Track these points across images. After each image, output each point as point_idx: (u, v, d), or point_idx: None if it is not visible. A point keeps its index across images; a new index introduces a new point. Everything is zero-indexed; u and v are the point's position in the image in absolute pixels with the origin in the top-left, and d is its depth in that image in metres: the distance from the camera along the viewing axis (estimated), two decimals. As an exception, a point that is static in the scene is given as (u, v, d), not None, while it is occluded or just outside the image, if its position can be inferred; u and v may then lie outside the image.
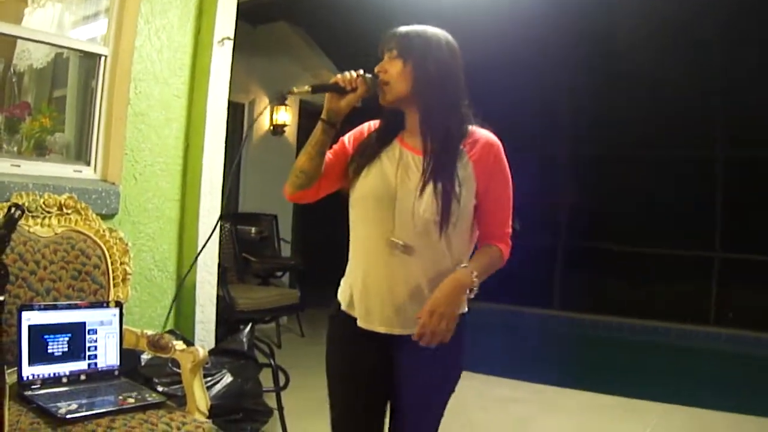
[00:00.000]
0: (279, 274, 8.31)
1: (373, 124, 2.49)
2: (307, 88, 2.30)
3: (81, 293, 3.12)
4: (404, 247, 2.22)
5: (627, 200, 10.57)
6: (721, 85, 9.89)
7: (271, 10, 6.65)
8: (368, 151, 2.37)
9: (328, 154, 2.40)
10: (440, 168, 2.20)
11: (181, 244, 4.11)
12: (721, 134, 10.20)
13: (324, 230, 10.52)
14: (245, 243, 6.95)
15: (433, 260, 2.24)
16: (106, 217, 3.57)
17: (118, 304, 3.09)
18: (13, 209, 1.69)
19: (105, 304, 3.06)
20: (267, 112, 9.06)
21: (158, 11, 3.95)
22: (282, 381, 5.00)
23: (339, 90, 2.29)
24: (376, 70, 2.30)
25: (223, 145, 4.25)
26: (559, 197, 10.84)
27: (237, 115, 8.36)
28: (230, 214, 7.54)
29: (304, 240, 9.72)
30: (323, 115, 2.33)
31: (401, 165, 2.28)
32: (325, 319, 2.60)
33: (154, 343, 3.08)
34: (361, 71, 2.28)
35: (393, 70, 2.28)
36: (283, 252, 8.91)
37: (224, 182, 4.27)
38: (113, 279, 3.26)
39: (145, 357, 3.39)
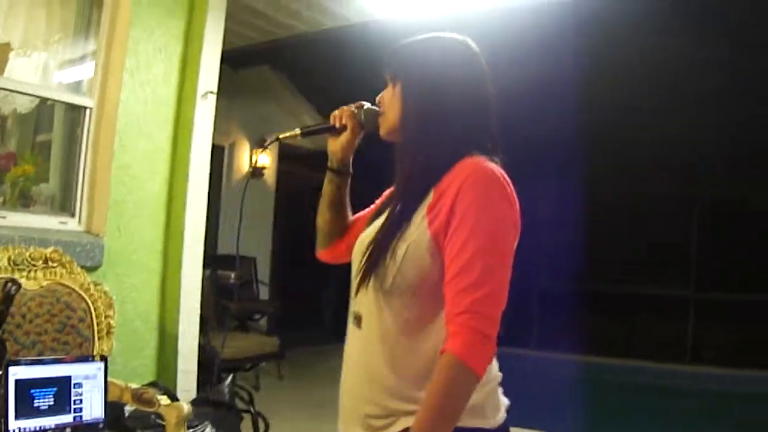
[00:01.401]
0: (257, 317, 8.34)
1: None
2: (296, 131, 2.07)
3: (66, 346, 3.15)
4: (356, 319, 1.83)
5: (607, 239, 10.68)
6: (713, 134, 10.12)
7: (253, 55, 6.73)
8: (383, 205, 1.96)
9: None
10: (391, 218, 1.74)
11: (164, 295, 4.14)
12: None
13: (302, 271, 10.60)
14: (224, 289, 6.99)
15: (380, 336, 1.74)
16: (90, 270, 3.60)
17: (103, 358, 3.13)
18: (9, 285, 1.72)
19: (90, 359, 3.10)
20: (247, 154, 9.14)
21: (143, 64, 4.02)
22: (262, 429, 5.05)
23: (331, 130, 2.01)
24: (377, 99, 1.93)
25: (206, 197, 4.30)
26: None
27: (217, 157, 8.41)
28: (209, 257, 7.58)
29: (283, 281, 9.75)
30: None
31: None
32: (303, 360, 2.40)
33: (139, 398, 3.12)
34: (360, 104, 1.98)
35: (386, 96, 1.88)
36: (261, 294, 8.95)
37: (206, 236, 4.32)
38: (98, 332, 3.30)
39: (128, 409, 3.40)
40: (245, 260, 8.66)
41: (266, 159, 9.26)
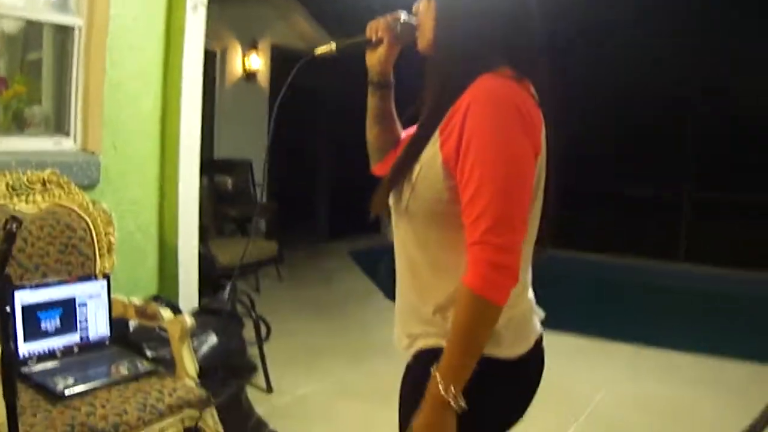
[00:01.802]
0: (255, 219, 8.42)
1: None
2: (332, 46, 1.95)
3: (69, 266, 3.21)
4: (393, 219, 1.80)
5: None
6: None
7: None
8: None
9: None
10: (413, 137, 1.72)
11: (162, 207, 4.20)
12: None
13: (298, 172, 10.66)
14: (221, 194, 7.04)
15: (407, 259, 1.76)
16: (88, 188, 3.63)
17: (106, 276, 3.21)
18: (10, 223, 1.75)
19: (93, 277, 3.18)
20: (239, 57, 9.08)
21: (131, -22, 3.97)
22: (264, 333, 5.18)
23: (368, 44, 1.92)
24: (413, 9, 1.83)
25: (200, 108, 4.30)
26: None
27: (209, 62, 8.37)
28: (206, 162, 7.62)
29: (279, 183, 9.80)
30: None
31: None
32: (301, 261, 2.31)
33: (142, 313, 3.21)
34: (397, 15, 1.86)
35: (421, 8, 1.78)
36: (259, 196, 9.01)
37: (202, 143, 4.33)
38: (99, 250, 3.35)
39: (133, 323, 3.50)
40: (241, 164, 8.69)
41: (258, 62, 9.20)
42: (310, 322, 6.28)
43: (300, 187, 10.53)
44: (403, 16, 1.85)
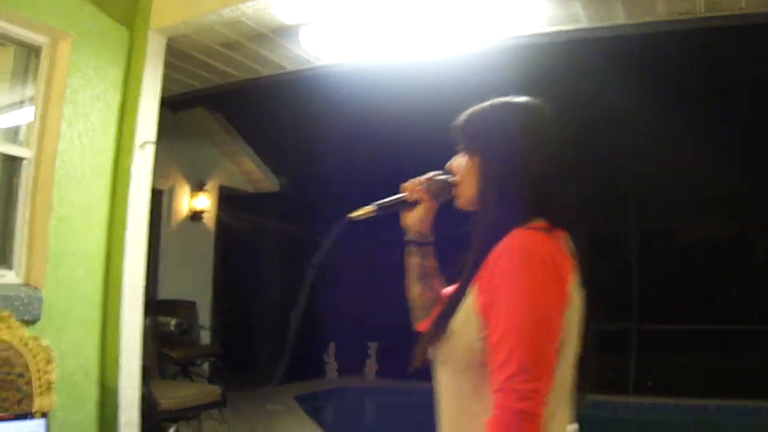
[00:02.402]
0: (199, 362, 8.27)
1: None
2: (371, 209, 1.96)
3: (5, 402, 3.10)
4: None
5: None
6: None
7: (192, 98, 6.71)
8: None
9: None
10: (456, 287, 1.74)
11: (104, 347, 4.09)
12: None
13: (243, 314, 10.55)
14: (164, 335, 6.91)
15: (447, 409, 1.77)
16: (29, 323, 3.55)
17: (44, 415, 3.09)
18: None
19: (30, 416, 3.05)
20: (186, 197, 9.10)
21: (81, 114, 3.99)
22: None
23: (405, 204, 1.95)
24: (446, 167, 1.90)
25: (144, 247, 4.27)
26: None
27: (156, 201, 8.36)
28: (149, 302, 7.50)
29: (223, 324, 9.68)
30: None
31: None
32: (245, 403, 2.30)
33: (80, 456, 3.07)
34: (430, 176, 1.93)
35: (460, 167, 1.84)
36: (203, 338, 8.88)
37: (146, 282, 4.28)
38: (37, 388, 3.24)
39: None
40: (186, 305, 8.58)
41: (206, 202, 9.21)
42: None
43: (245, 330, 10.42)
44: (436, 176, 1.91)
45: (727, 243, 11.03)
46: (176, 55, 4.75)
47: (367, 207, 1.96)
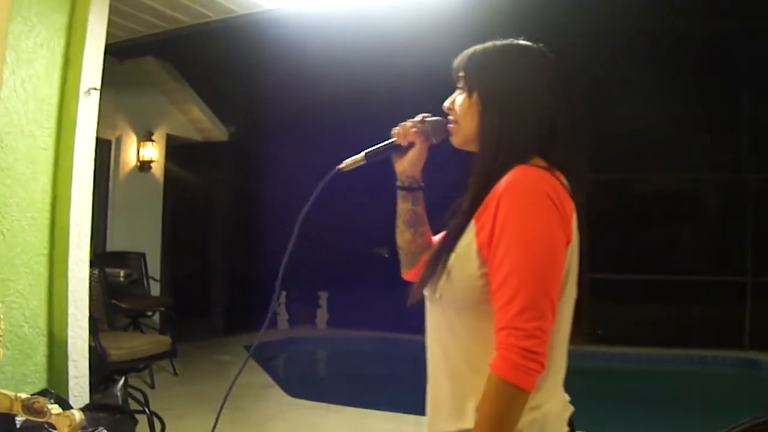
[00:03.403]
0: (149, 313, 8.23)
1: None
2: (360, 157, 1.92)
3: (-50, 358, 3.04)
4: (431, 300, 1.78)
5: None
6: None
7: (138, 46, 6.58)
8: None
9: None
10: (452, 228, 1.74)
11: (51, 299, 4.03)
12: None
13: (193, 265, 10.50)
14: (114, 287, 6.84)
15: (442, 350, 1.75)
16: (-27, 276, 3.49)
17: (-10, 369, 3.04)
18: None
19: (-25, 370, 3.00)
20: (134, 147, 8.98)
21: (24, 61, 3.88)
22: (158, 429, 4.99)
23: (397, 149, 1.93)
24: (444, 106, 1.87)
25: (91, 196, 4.19)
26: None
27: (103, 152, 8.26)
28: (98, 254, 7.43)
29: (173, 276, 9.64)
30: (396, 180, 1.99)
31: None
32: (196, 354, 2.28)
33: (29, 407, 3.01)
34: (423, 117, 1.91)
35: (459, 105, 1.82)
36: (153, 290, 8.84)
37: (92, 235, 4.22)
38: (-17, 342, 3.18)
39: (20, 419, 3.31)
40: (134, 256, 8.53)
41: (153, 152, 9.09)
42: (205, 418, 6.06)
43: (196, 280, 10.38)
44: (429, 117, 1.89)
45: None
46: (122, 0, 4.64)
47: (356, 156, 1.91)
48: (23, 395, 3.06)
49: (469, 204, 1.70)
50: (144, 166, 9.05)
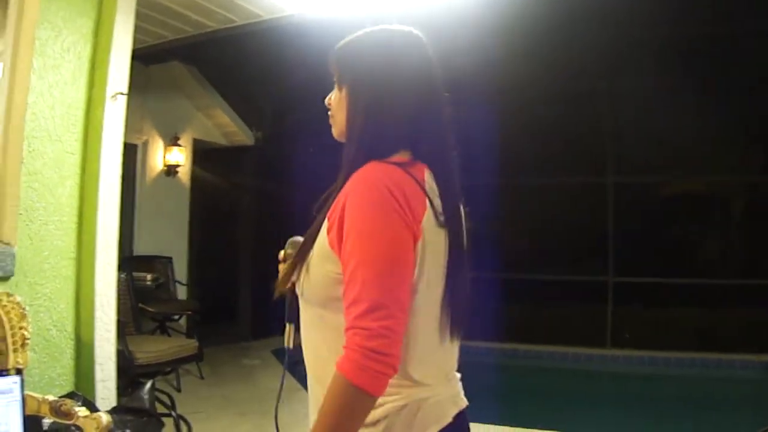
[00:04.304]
0: (176, 317, 8.27)
1: None
2: (290, 327, 1.91)
3: (-21, 361, 3.06)
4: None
5: (521, 228, 10.84)
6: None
7: (164, 51, 6.63)
8: None
9: None
10: (314, 222, 1.72)
11: (78, 302, 4.05)
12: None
13: (220, 269, 10.52)
14: (141, 290, 6.89)
15: (306, 333, 1.75)
16: (1, 280, 3.51)
17: (19, 372, 3.05)
18: None
19: (4, 373, 3.02)
20: (160, 151, 9.02)
21: (51, 66, 3.91)
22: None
23: (293, 295, 1.83)
24: (326, 101, 1.86)
25: (118, 200, 4.22)
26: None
27: (130, 156, 8.31)
28: (125, 258, 7.47)
29: (200, 280, 9.68)
30: None
31: None
32: (223, 358, 2.27)
33: (57, 410, 3.04)
34: (282, 255, 1.91)
35: (333, 99, 1.82)
36: (179, 294, 8.87)
37: (119, 239, 4.24)
38: (12, 344, 3.20)
39: (47, 422, 3.33)
40: (161, 260, 8.57)
41: (180, 156, 9.14)
42: (232, 421, 6.09)
43: (223, 284, 10.41)
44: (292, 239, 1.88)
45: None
46: (148, 5, 4.67)
47: (287, 330, 1.90)
48: (51, 398, 3.09)
49: (323, 201, 1.71)
50: (170, 170, 9.10)
